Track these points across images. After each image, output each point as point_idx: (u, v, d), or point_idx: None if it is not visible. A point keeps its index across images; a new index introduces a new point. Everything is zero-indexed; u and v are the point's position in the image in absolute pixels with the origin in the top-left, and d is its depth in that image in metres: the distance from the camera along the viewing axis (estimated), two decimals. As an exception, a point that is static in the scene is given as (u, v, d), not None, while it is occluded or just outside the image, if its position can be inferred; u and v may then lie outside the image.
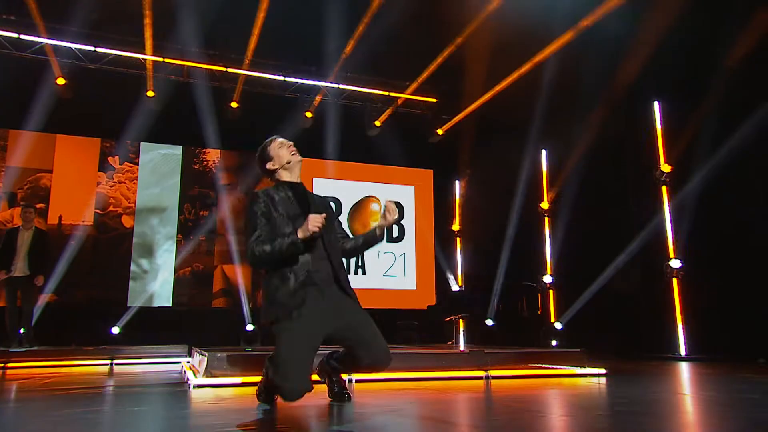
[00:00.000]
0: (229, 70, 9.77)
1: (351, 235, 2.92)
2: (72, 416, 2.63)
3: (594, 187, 8.58)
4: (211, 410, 2.85)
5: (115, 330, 9.23)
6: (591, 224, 8.54)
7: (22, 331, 7.86)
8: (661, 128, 7.92)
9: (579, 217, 8.75)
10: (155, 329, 9.12)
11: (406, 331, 9.28)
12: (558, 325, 8.53)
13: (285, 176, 2.83)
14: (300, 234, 2.53)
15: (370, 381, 4.09)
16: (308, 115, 10.53)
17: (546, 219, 9.60)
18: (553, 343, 8.38)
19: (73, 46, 9.17)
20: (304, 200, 2.78)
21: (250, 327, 9.41)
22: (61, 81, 9.15)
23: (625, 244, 7.80)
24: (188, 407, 2.99)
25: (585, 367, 4.68)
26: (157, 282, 9.92)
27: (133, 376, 5.12)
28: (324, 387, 3.03)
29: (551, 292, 9.24)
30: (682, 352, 7.20)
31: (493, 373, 4.35)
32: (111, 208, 9.96)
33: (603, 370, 4.55)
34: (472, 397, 3.44)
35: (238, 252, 10.21)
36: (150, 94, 9.58)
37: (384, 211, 2.72)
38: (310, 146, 10.52)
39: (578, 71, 8.15)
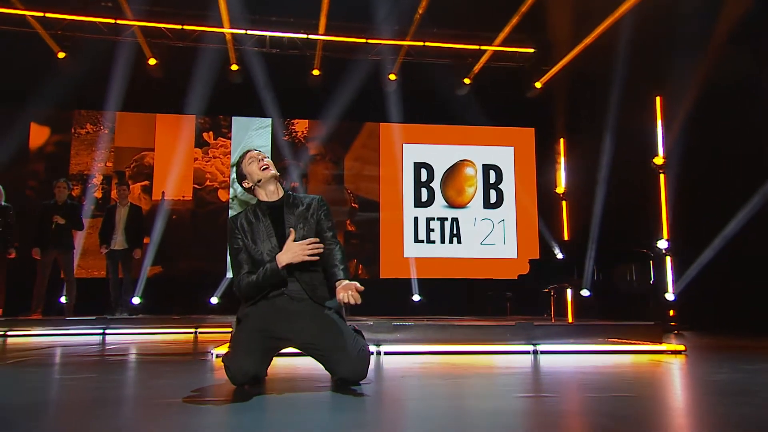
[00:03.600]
0: (310, 36, 9.56)
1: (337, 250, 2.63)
2: (60, 382, 2.76)
3: (718, 136, 7.29)
4: (192, 379, 2.79)
5: (214, 300, 9.61)
6: (714, 181, 7.31)
7: (135, 300, 8.50)
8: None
9: (700, 174, 7.53)
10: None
11: (498, 302, 8.64)
12: (670, 297, 7.46)
13: (261, 195, 2.69)
14: (283, 262, 2.45)
15: (402, 353, 3.71)
16: (392, 77, 10.04)
17: (661, 176, 8.39)
18: (671, 313, 7.40)
19: (161, 25, 9.44)
20: (279, 223, 2.65)
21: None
22: (152, 61, 9.52)
23: (757, 201, 6.57)
24: (172, 377, 2.88)
25: (659, 343, 3.88)
26: (252, 253, 10.13)
27: (189, 345, 5.15)
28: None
29: (667, 258, 8.09)
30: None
31: (543, 348, 3.76)
32: (207, 182, 10.30)
33: (681, 347, 3.74)
34: (495, 373, 2.91)
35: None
36: (234, 67, 9.68)
37: (346, 296, 2.39)
38: (396, 111, 10.13)
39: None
